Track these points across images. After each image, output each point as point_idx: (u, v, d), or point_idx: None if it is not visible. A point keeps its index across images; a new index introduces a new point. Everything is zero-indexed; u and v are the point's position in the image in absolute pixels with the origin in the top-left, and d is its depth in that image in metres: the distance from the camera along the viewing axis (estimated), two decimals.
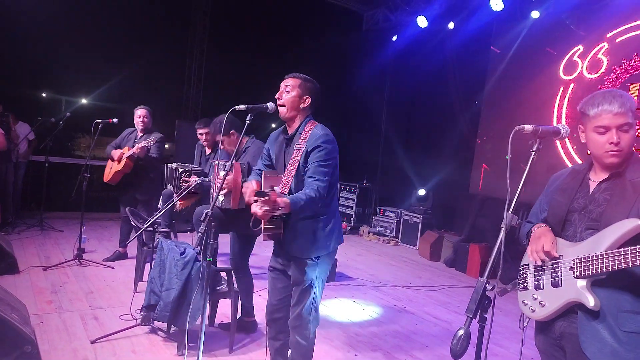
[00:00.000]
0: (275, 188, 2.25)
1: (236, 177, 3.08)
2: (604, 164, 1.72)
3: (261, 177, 2.48)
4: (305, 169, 2.36)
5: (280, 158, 2.52)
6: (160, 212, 3.74)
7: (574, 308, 1.66)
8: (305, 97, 2.43)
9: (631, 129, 1.66)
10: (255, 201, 2.16)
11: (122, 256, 5.29)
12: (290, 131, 2.47)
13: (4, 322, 2.45)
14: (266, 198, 2.03)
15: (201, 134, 4.85)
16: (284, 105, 2.42)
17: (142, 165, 5.00)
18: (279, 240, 2.47)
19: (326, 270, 2.55)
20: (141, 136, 5.07)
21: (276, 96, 2.44)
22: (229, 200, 3.17)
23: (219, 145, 3.64)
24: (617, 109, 1.63)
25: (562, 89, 6.54)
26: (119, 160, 4.92)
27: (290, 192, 2.37)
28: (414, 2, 8.65)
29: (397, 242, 8.19)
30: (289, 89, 2.42)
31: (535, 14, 6.75)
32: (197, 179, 4.09)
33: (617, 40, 5.92)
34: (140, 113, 5.07)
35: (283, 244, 2.45)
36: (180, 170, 4.42)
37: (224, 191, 3.14)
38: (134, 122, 5.12)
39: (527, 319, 1.84)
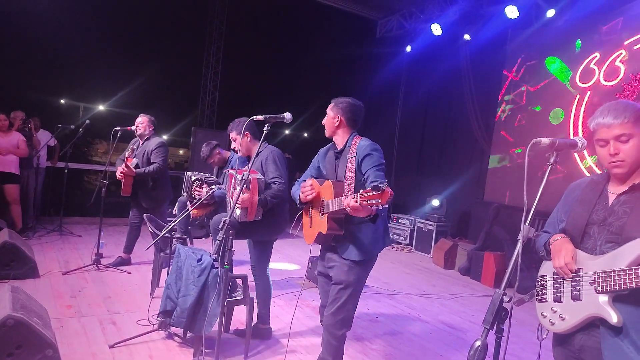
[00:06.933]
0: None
1: (252, 195, 3.18)
2: (613, 175, 1.75)
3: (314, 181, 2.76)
4: (364, 176, 2.56)
5: (331, 170, 2.80)
6: (175, 220, 3.81)
7: (595, 322, 1.65)
8: (337, 117, 2.74)
9: (632, 139, 1.65)
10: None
11: (124, 262, 5.24)
12: (339, 147, 2.78)
13: (27, 326, 2.51)
14: (378, 193, 2.03)
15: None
16: (324, 127, 2.83)
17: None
18: (328, 243, 2.70)
19: (364, 276, 2.76)
20: (142, 144, 5.13)
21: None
22: (245, 214, 3.21)
23: (232, 144, 3.71)
24: (611, 120, 1.66)
25: (578, 96, 6.49)
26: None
27: None
28: (428, 10, 8.66)
29: (411, 249, 8.15)
30: (327, 114, 2.82)
31: (550, 13, 6.77)
32: (210, 188, 4.17)
33: (635, 47, 5.85)
34: (137, 121, 5.14)
35: (335, 244, 2.66)
36: (193, 178, 4.53)
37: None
38: None
39: (546, 331, 1.83)
